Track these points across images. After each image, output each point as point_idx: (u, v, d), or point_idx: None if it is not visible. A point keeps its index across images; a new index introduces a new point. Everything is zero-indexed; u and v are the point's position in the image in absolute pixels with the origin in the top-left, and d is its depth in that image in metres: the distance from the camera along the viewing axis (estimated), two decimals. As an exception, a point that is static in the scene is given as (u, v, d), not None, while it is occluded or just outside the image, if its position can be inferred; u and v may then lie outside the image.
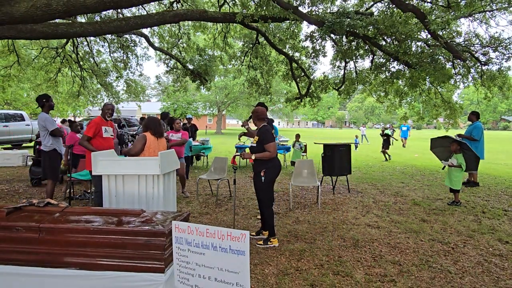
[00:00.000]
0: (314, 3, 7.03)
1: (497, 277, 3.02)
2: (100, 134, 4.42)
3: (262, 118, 3.81)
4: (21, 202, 2.73)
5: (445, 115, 8.34)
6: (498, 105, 59.04)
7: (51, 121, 4.78)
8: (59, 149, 4.93)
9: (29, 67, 11.45)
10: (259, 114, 3.81)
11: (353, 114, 70.51)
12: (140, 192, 3.31)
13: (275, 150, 3.66)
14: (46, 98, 4.83)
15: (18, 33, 4.83)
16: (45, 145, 4.84)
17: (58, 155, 4.93)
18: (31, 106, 21.35)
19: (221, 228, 1.95)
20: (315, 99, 10.24)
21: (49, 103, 4.83)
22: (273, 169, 3.74)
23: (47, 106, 4.83)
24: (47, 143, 4.80)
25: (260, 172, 3.67)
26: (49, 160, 4.84)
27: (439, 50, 6.18)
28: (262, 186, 3.71)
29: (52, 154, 4.81)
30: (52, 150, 4.80)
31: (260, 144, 3.67)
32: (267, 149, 3.62)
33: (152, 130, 3.95)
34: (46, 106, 4.83)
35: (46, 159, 4.88)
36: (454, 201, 5.57)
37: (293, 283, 2.85)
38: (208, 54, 10.87)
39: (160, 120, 4.20)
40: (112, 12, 8.88)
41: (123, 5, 4.94)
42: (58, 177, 5.02)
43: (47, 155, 4.83)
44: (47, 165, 4.89)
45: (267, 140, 3.64)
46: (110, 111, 4.54)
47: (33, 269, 2.27)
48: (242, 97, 31.55)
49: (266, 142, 3.63)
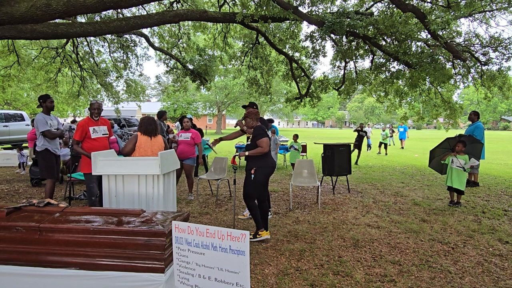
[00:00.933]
0: (314, 3, 7.03)
1: (497, 277, 3.02)
2: (88, 136, 4.35)
3: (257, 119, 4.00)
4: (21, 202, 2.73)
5: (445, 115, 8.33)
6: (498, 105, 59.05)
7: (43, 122, 4.74)
8: (53, 149, 4.90)
9: (29, 67, 11.45)
10: (257, 115, 4.02)
11: (353, 114, 70.47)
12: (140, 192, 3.32)
13: (267, 145, 3.74)
14: (43, 99, 4.81)
15: (18, 33, 4.82)
16: (38, 145, 4.86)
17: (52, 155, 4.90)
18: (31, 106, 21.36)
19: (221, 228, 1.95)
20: (315, 99, 10.24)
21: (46, 104, 4.79)
22: (265, 169, 3.80)
23: (44, 107, 4.82)
24: (39, 143, 4.83)
25: (250, 170, 3.78)
26: (42, 160, 4.85)
27: (439, 50, 6.17)
28: (251, 183, 3.74)
29: (44, 154, 4.80)
30: (44, 150, 4.79)
31: (254, 141, 3.80)
32: (259, 144, 3.73)
33: (142, 130, 3.96)
34: (43, 106, 4.81)
35: (40, 159, 4.91)
36: (457, 202, 5.50)
37: (293, 283, 2.85)
38: (208, 54, 10.86)
39: (153, 120, 4.17)
40: (112, 12, 8.88)
41: (123, 5, 4.94)
42: (55, 175, 4.99)
43: (40, 155, 4.85)
44: (41, 164, 4.91)
45: (259, 136, 3.77)
46: (97, 110, 4.43)
47: (33, 269, 2.27)
48: (242, 97, 31.57)
49: (258, 138, 3.76)
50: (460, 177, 5.37)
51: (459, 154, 5.42)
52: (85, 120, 4.44)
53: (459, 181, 5.36)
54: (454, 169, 5.40)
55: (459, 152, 5.42)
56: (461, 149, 5.42)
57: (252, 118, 3.97)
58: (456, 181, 5.38)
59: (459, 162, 5.35)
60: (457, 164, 5.36)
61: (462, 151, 5.45)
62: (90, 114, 4.49)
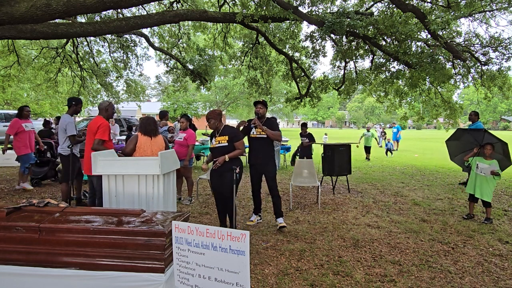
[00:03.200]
0: (314, 3, 7.03)
1: (497, 277, 3.02)
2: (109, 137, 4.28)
3: (220, 119, 3.90)
4: (21, 202, 2.73)
5: (445, 115, 8.34)
6: (498, 105, 59.04)
7: (73, 126, 4.61)
8: (76, 153, 4.83)
9: (29, 67, 11.45)
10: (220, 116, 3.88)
11: (353, 114, 70.48)
12: (140, 192, 3.31)
13: (244, 147, 3.88)
14: (77, 102, 4.71)
15: (18, 33, 4.81)
16: (63, 148, 4.68)
17: (76, 159, 4.79)
18: (31, 106, 21.31)
19: (221, 228, 1.95)
20: (315, 99, 10.25)
21: (77, 107, 4.71)
22: (241, 168, 3.84)
23: (73, 110, 4.71)
24: (65, 146, 4.65)
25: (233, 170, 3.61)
26: (67, 163, 4.65)
27: (439, 50, 6.17)
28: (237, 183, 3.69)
29: (71, 158, 4.59)
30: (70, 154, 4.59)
31: (232, 142, 3.78)
32: (238, 147, 3.80)
33: (142, 130, 3.95)
34: (73, 108, 4.70)
35: (66, 163, 4.69)
36: (487, 218, 4.57)
37: (293, 283, 2.85)
38: (208, 54, 10.87)
39: (153, 120, 4.16)
40: (112, 12, 8.88)
41: (123, 5, 4.94)
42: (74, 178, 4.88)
43: (66, 159, 4.64)
44: (67, 168, 4.68)
45: (237, 138, 3.81)
46: None
47: (33, 269, 2.27)
48: (242, 97, 31.54)
49: (237, 140, 3.80)
50: (487, 186, 4.49)
51: (486, 159, 4.54)
52: (104, 120, 4.19)
53: (484, 191, 4.50)
54: (479, 176, 4.54)
55: (487, 157, 4.54)
56: (490, 153, 4.52)
57: (216, 119, 3.84)
58: (481, 190, 4.53)
59: (484, 167, 4.46)
60: (482, 171, 4.48)
61: (491, 156, 4.54)
62: (108, 116, 4.24)
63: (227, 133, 3.82)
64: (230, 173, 3.64)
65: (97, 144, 3.98)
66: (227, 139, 3.78)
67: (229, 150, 3.77)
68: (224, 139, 3.79)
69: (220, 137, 3.81)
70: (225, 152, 3.76)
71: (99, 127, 4.00)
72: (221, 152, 3.77)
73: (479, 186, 4.55)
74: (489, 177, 4.47)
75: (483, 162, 4.54)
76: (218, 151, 3.80)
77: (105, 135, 4.03)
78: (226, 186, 3.73)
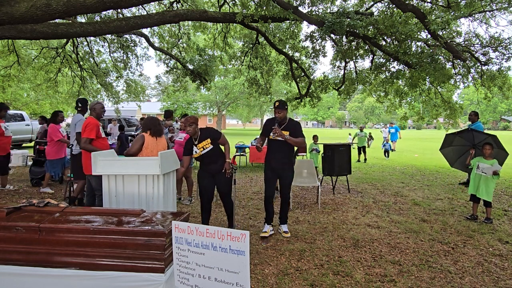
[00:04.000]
0: (314, 3, 7.03)
1: (497, 277, 3.02)
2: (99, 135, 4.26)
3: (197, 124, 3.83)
4: (21, 202, 2.73)
5: (445, 115, 8.34)
6: (498, 105, 59.04)
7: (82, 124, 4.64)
8: None
9: (29, 67, 11.46)
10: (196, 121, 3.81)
11: (353, 114, 70.48)
12: (140, 192, 3.31)
13: (226, 139, 3.93)
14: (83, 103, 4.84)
15: (18, 33, 4.82)
16: (75, 149, 4.72)
17: None
18: (31, 106, 21.37)
19: (221, 228, 1.95)
20: (315, 99, 10.25)
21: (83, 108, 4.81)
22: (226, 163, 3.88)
23: (83, 111, 4.82)
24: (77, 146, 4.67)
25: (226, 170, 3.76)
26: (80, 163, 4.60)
27: (439, 50, 6.18)
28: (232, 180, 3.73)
29: None
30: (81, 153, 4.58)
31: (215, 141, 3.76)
32: (223, 143, 3.87)
33: (151, 130, 3.93)
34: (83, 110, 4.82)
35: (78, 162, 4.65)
36: (487, 218, 4.64)
37: (293, 283, 2.85)
38: (208, 54, 10.87)
39: (159, 120, 4.17)
40: (112, 12, 8.88)
41: (123, 5, 4.94)
42: None
43: (77, 158, 4.65)
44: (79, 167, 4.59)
45: (218, 135, 3.83)
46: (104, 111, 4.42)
47: (33, 269, 2.27)
48: (242, 97, 31.57)
49: (218, 137, 3.81)
50: (488, 185, 4.55)
51: (487, 159, 4.63)
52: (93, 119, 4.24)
53: (486, 190, 4.55)
54: (479, 176, 4.62)
55: (487, 157, 4.63)
56: (490, 153, 4.60)
57: (196, 124, 3.75)
58: (483, 190, 4.57)
59: (485, 167, 4.54)
60: (483, 171, 4.56)
61: (490, 156, 4.63)
62: (96, 115, 4.28)
63: (207, 136, 3.74)
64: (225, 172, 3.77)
65: (84, 143, 4.03)
66: (210, 142, 3.71)
67: (217, 151, 3.78)
68: (207, 143, 3.71)
69: (202, 143, 3.72)
70: (214, 154, 3.75)
71: (86, 126, 4.06)
72: (211, 156, 3.74)
73: (481, 185, 4.59)
74: (489, 177, 4.52)
75: (483, 162, 4.61)
76: (208, 156, 3.74)
77: (91, 134, 4.07)
78: (225, 185, 3.82)
